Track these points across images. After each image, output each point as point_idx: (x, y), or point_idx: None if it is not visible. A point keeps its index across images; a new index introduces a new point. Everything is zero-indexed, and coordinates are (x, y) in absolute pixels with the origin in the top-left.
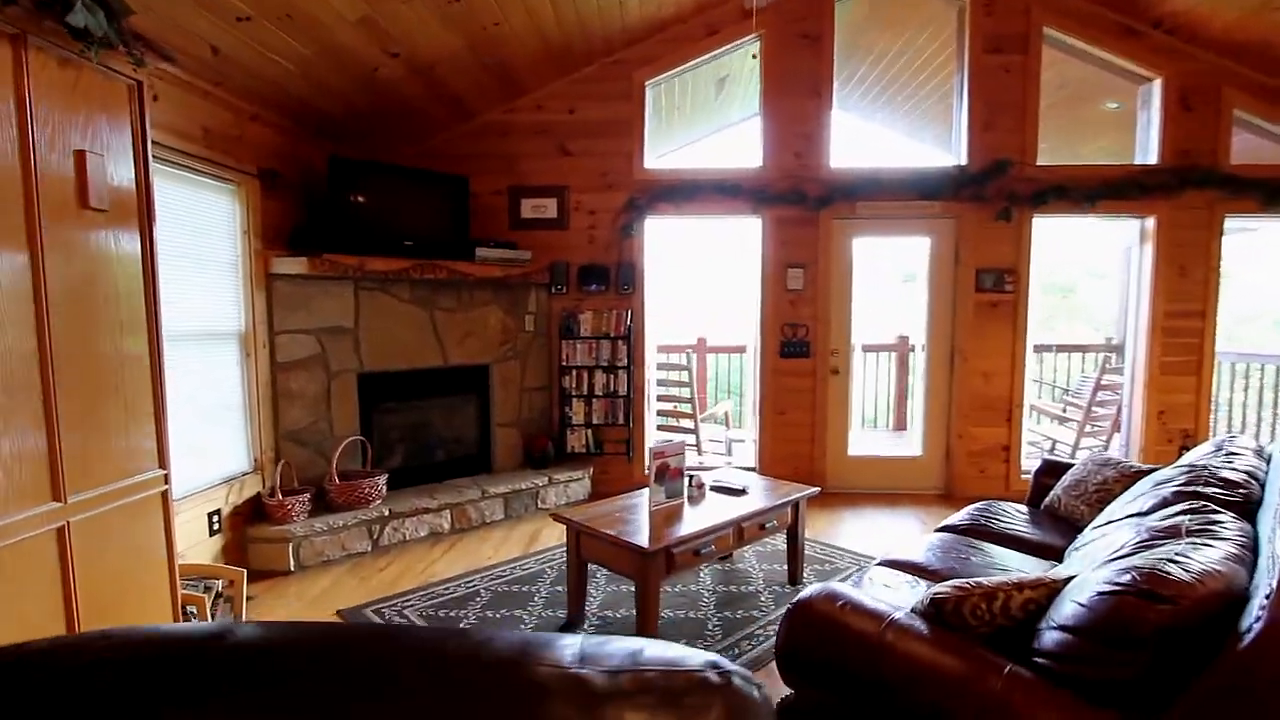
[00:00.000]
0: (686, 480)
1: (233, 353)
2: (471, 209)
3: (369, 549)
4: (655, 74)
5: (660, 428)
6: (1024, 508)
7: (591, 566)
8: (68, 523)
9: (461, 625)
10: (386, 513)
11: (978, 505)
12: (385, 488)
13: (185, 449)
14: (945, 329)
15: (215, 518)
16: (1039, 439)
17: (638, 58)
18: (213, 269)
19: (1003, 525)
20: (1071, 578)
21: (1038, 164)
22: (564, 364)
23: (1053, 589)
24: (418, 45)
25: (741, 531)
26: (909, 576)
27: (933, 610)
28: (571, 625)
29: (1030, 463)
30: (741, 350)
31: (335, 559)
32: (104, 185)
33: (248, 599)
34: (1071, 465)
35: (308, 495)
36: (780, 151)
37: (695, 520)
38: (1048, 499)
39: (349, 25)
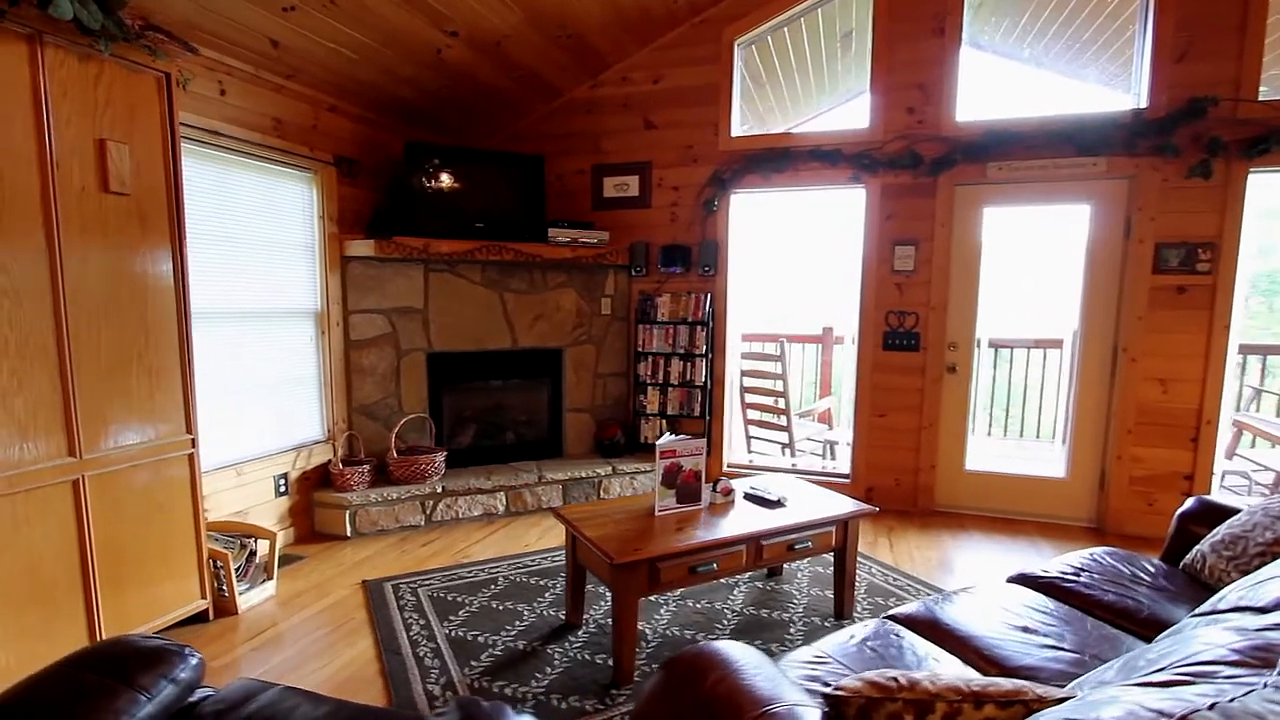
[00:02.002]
0: (710, 485)
1: (309, 330)
2: (556, 190)
3: (422, 523)
4: (746, 30)
5: (750, 422)
6: (1155, 563)
7: None
8: (83, 476)
9: (461, 613)
10: (439, 490)
11: (1084, 554)
12: (444, 465)
13: (254, 418)
14: (1106, 320)
15: (283, 481)
16: (1255, 469)
17: (726, 14)
18: (290, 252)
19: (1107, 586)
20: (1068, 698)
21: (1258, 100)
22: (639, 350)
23: (1030, 711)
24: (473, 20)
25: (760, 550)
26: (918, 639)
27: (830, 712)
28: (568, 630)
29: (1230, 497)
30: (839, 341)
31: (389, 530)
32: (125, 170)
33: (296, 560)
34: (1236, 511)
35: (368, 467)
36: (891, 107)
37: (701, 532)
38: (1190, 555)
39: (394, 5)
